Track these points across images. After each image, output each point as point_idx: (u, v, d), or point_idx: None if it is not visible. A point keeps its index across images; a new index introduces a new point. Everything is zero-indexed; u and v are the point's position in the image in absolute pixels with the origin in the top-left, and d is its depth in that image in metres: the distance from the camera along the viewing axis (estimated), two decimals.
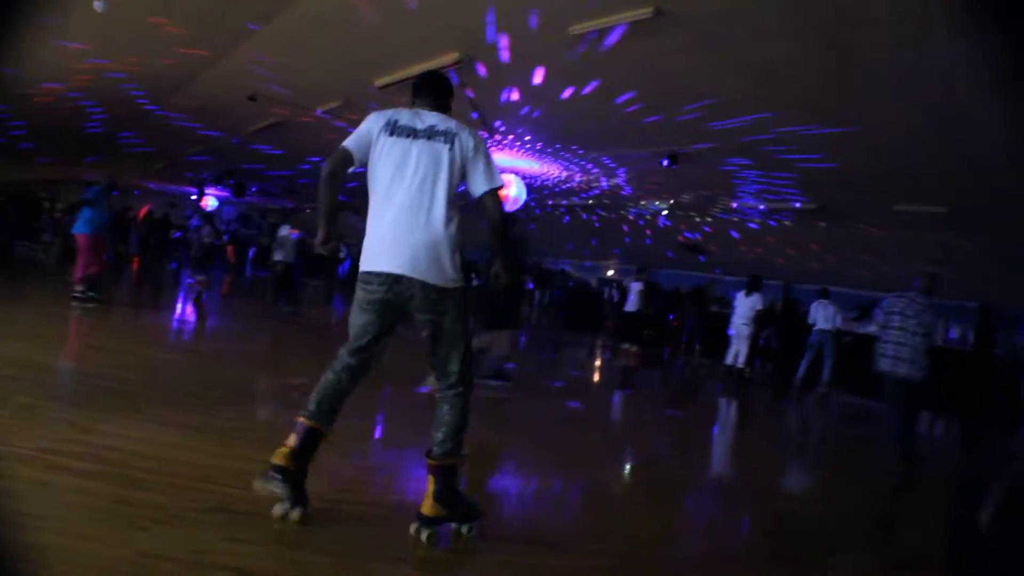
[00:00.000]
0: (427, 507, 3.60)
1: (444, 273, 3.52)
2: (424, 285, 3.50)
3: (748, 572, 4.19)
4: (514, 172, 15.37)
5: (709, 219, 18.25)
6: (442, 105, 3.84)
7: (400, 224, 3.50)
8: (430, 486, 3.62)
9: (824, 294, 15.11)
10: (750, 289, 14.20)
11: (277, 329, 12.35)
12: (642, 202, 17.39)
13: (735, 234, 18.71)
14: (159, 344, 9.19)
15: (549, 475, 5.57)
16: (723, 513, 5.41)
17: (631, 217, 19.65)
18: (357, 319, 3.65)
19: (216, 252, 23.67)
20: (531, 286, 24.78)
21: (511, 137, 12.99)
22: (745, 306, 14.16)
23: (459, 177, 3.59)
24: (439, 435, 3.64)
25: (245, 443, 4.73)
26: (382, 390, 7.36)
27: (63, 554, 2.94)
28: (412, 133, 3.59)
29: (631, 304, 18.28)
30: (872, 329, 8.08)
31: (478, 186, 3.60)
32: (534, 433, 7.02)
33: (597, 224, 21.35)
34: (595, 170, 14.74)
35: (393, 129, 3.61)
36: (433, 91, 3.87)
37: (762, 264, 19.25)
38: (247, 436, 4.98)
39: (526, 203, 15.18)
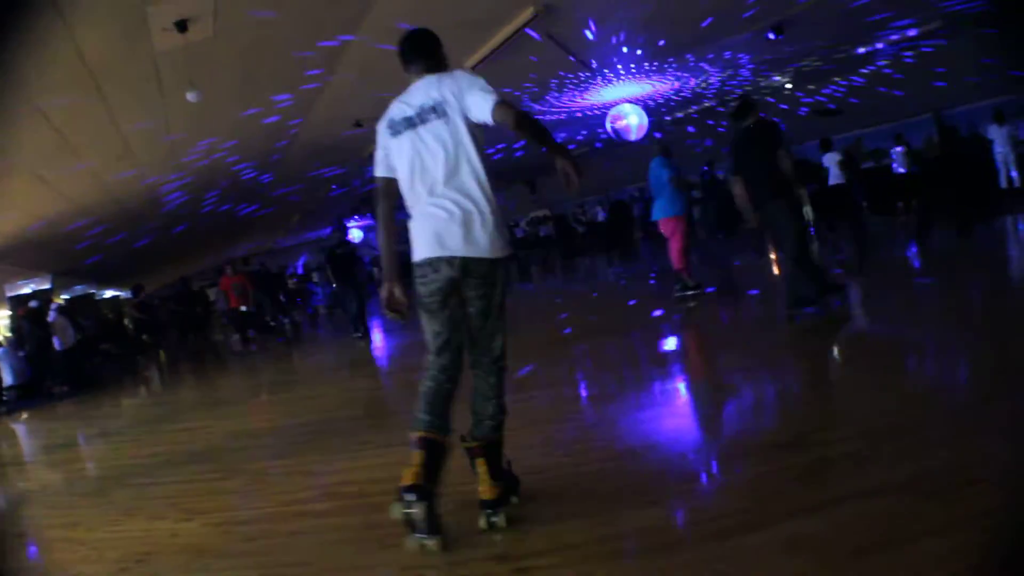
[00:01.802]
0: (487, 491, 3.39)
1: (492, 244, 3.34)
2: (478, 260, 3.33)
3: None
4: (628, 101, 15.06)
5: (837, 78, 17.27)
6: (433, 63, 3.54)
7: (437, 212, 3.33)
8: (482, 467, 3.41)
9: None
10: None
11: None
12: (762, 84, 16.62)
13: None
14: (355, 379, 9.58)
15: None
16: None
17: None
18: (426, 318, 3.46)
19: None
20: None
21: (612, 69, 12.67)
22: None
23: (470, 131, 3.34)
24: (490, 409, 3.48)
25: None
26: None
27: None
28: (409, 124, 3.40)
29: (834, 177, 16.96)
30: None
31: (482, 113, 3.27)
32: None
33: (721, 128, 20.62)
34: (709, 68, 14.16)
35: (394, 128, 3.44)
36: (420, 51, 3.56)
37: (908, 101, 18.05)
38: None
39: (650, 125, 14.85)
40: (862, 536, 2.70)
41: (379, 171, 3.54)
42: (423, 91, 3.42)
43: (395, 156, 3.45)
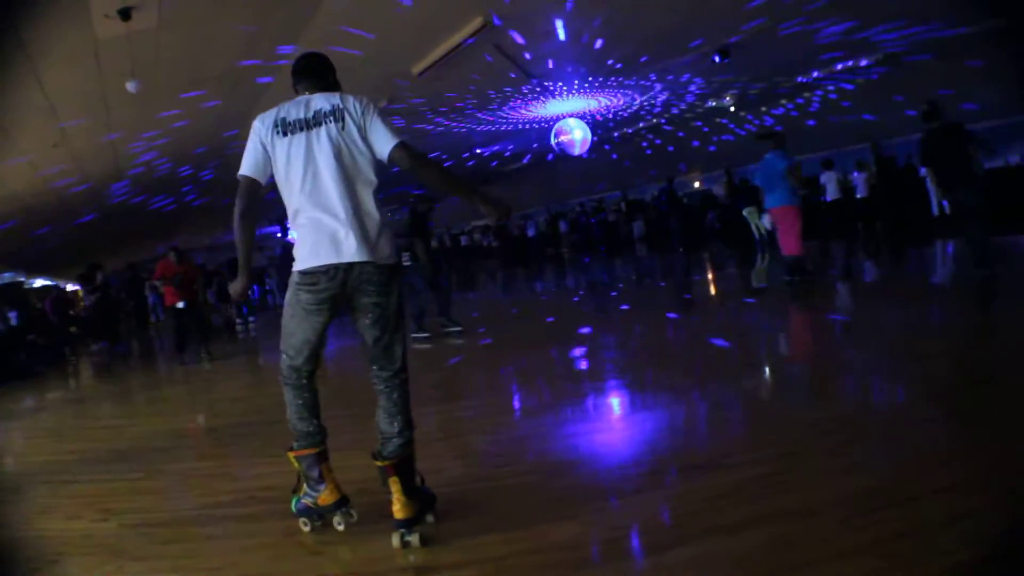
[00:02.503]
0: (400, 510, 3.31)
1: (386, 251, 3.36)
2: (376, 266, 3.32)
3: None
4: (573, 115, 15.21)
5: (783, 101, 17.68)
6: (324, 84, 3.59)
7: (330, 218, 3.29)
8: (395, 485, 3.33)
9: None
10: None
11: None
12: (707, 104, 16.93)
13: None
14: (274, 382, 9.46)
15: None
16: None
17: (699, 125, 19.21)
18: (302, 325, 3.44)
19: None
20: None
21: (557, 83, 12.77)
22: None
23: (364, 146, 3.35)
24: (396, 426, 3.44)
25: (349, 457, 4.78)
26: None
27: None
28: (304, 125, 3.37)
29: (832, 194, 17.30)
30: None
31: (383, 147, 3.34)
32: None
33: (661, 143, 20.99)
34: (656, 87, 14.37)
35: (284, 128, 3.38)
36: (313, 72, 3.62)
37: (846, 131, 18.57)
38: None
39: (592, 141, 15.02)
40: (774, 558, 2.78)
41: (247, 170, 3.44)
42: (322, 99, 3.43)
43: (279, 155, 3.38)
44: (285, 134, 3.38)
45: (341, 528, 3.49)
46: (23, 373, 14.02)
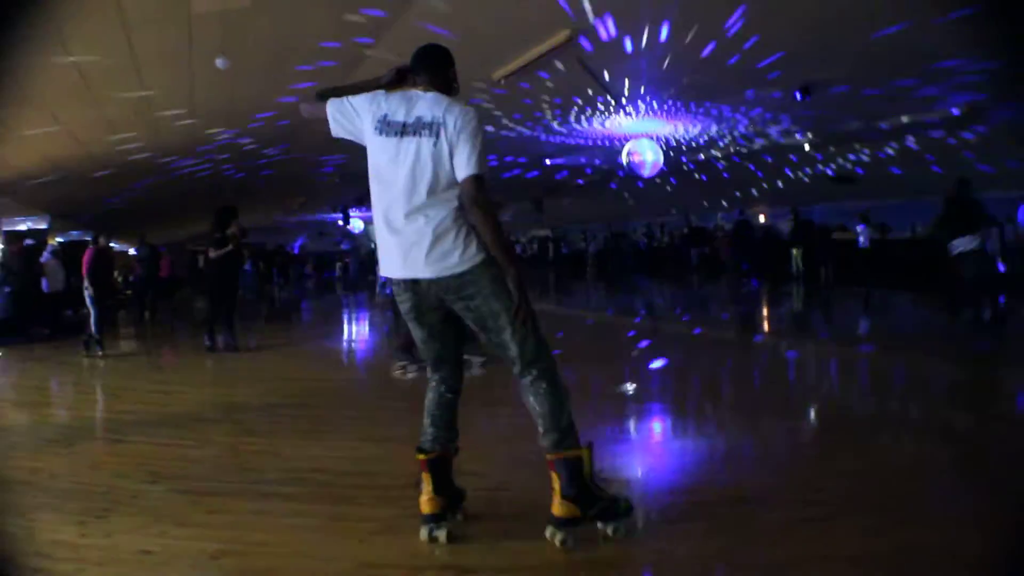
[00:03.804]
0: (556, 506, 3.29)
1: (453, 258, 3.27)
2: (438, 280, 3.30)
3: None
4: (647, 136, 15.14)
5: (857, 145, 17.39)
6: (441, 80, 3.52)
7: (398, 228, 3.31)
8: (555, 483, 3.30)
9: None
10: None
11: None
12: (783, 140, 16.73)
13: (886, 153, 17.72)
14: (335, 367, 9.56)
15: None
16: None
17: (768, 159, 18.99)
18: (413, 330, 3.53)
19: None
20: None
21: (636, 101, 12.71)
22: None
23: (449, 164, 3.28)
24: (540, 429, 3.36)
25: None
26: None
27: (290, 572, 3.09)
28: (400, 130, 3.35)
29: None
30: None
31: (458, 171, 3.27)
32: None
33: (726, 175, 20.79)
34: (730, 115, 14.23)
35: (383, 127, 3.39)
36: (429, 67, 3.54)
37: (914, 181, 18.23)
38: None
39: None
40: None
41: (334, 108, 3.56)
42: (427, 104, 3.38)
43: (371, 151, 3.43)
44: (381, 133, 3.40)
45: (422, 538, 3.38)
46: (81, 329, 14.27)
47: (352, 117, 3.49)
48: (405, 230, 3.30)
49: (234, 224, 10.71)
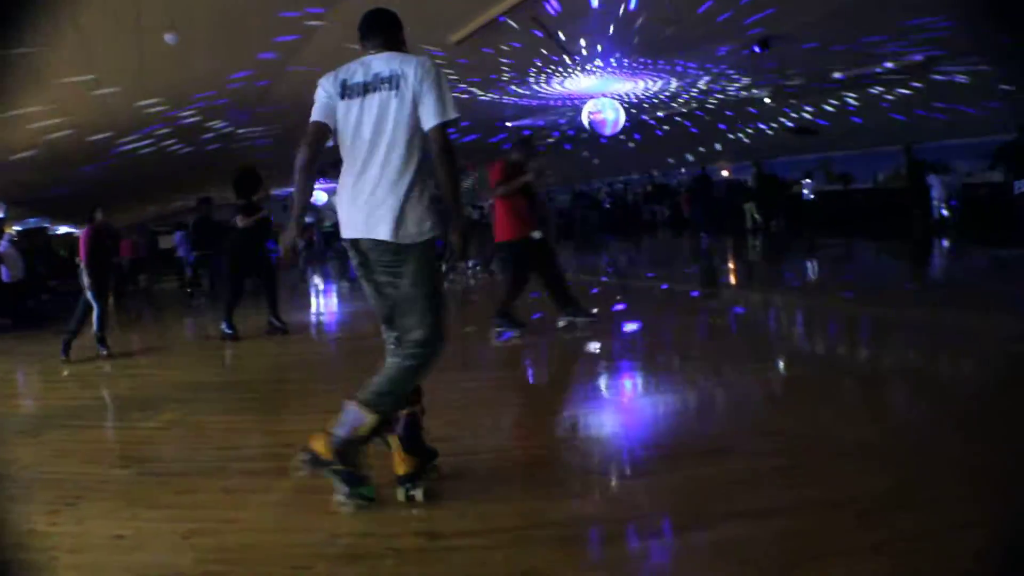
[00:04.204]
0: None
1: (401, 228, 3.24)
2: (377, 243, 3.29)
3: None
4: (607, 95, 15.09)
5: (816, 97, 17.50)
6: (391, 41, 3.50)
7: (357, 187, 3.31)
8: (394, 441, 3.44)
9: None
10: None
11: None
12: (743, 93, 16.76)
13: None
14: (308, 341, 9.49)
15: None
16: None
17: (729, 114, 19.05)
18: (367, 292, 3.56)
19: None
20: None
21: (594, 60, 12.64)
22: None
23: (415, 118, 3.27)
24: (371, 384, 3.35)
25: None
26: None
27: (264, 548, 3.09)
28: (362, 90, 3.34)
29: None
30: None
31: (425, 120, 3.25)
32: None
33: (694, 130, 20.84)
34: (692, 70, 14.20)
35: (344, 91, 3.37)
36: (379, 29, 3.53)
37: (879, 129, 18.43)
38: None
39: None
40: (787, 549, 2.77)
41: (317, 115, 3.43)
42: (384, 61, 3.37)
43: (339, 119, 3.40)
44: (344, 97, 3.38)
45: (400, 498, 3.44)
46: (43, 318, 14.07)
47: (332, 110, 3.43)
48: (363, 189, 3.29)
49: (262, 189, 9.37)
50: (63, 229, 26.75)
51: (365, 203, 3.28)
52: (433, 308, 3.34)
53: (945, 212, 17.61)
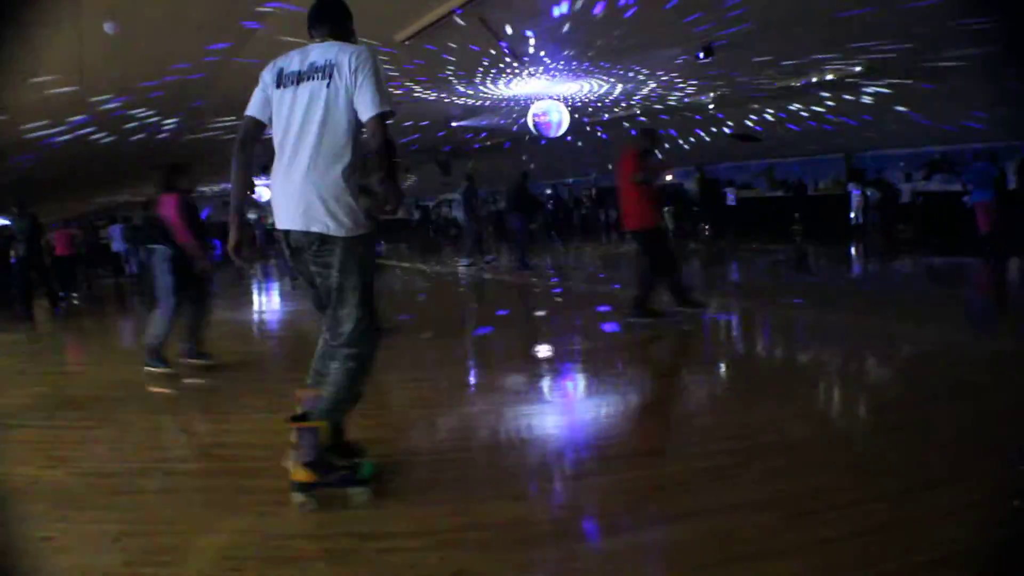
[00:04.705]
0: (296, 472, 3.39)
1: (325, 219, 3.25)
2: (307, 234, 3.30)
3: None
4: (552, 98, 15.16)
5: (756, 106, 17.80)
6: (339, 30, 3.50)
7: (286, 178, 3.31)
8: (296, 450, 3.42)
9: None
10: None
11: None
12: (685, 100, 16.99)
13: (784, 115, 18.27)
14: (245, 339, 9.39)
15: None
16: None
17: (672, 119, 19.30)
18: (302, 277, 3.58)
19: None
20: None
21: (541, 63, 12.69)
22: None
23: (347, 109, 3.26)
24: (322, 393, 3.43)
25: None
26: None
27: (199, 549, 3.07)
28: (295, 79, 3.33)
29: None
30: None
31: (363, 110, 3.22)
32: None
33: (634, 132, 21.06)
34: (638, 74, 14.33)
35: (280, 79, 3.37)
36: (326, 18, 3.52)
37: (822, 138, 18.89)
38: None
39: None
40: (715, 550, 2.84)
41: (251, 110, 3.44)
42: (320, 50, 3.37)
43: (273, 108, 3.40)
44: (279, 86, 3.38)
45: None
46: None
47: (269, 101, 3.42)
48: (291, 180, 3.29)
49: (185, 180, 7.68)
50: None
51: (295, 194, 3.27)
52: (361, 301, 3.37)
53: (861, 219, 18.63)
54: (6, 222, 17.87)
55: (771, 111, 18.41)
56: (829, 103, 16.98)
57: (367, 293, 3.41)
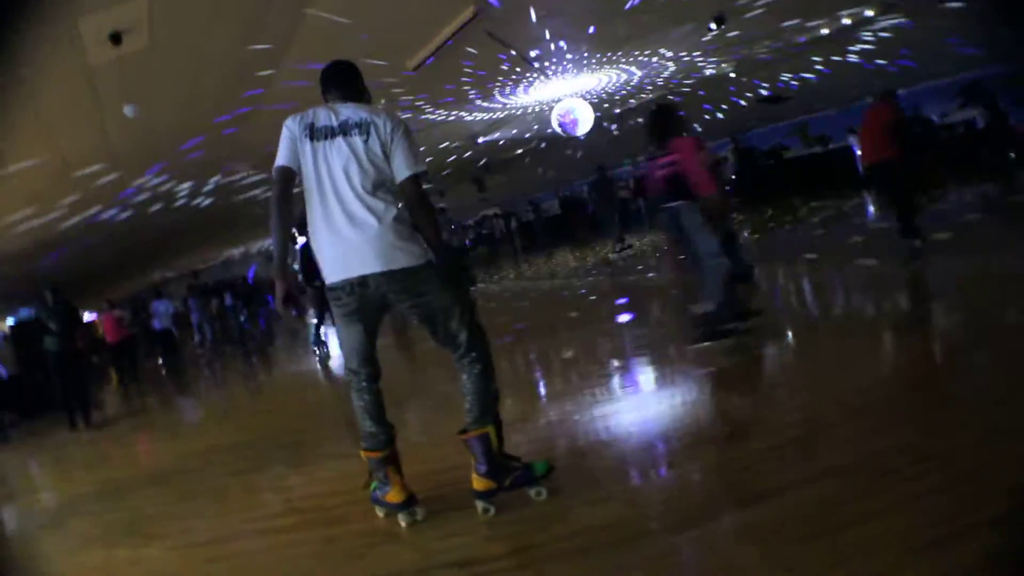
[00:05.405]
0: (475, 481, 3.48)
1: (403, 255, 3.33)
2: (390, 275, 3.33)
3: None
4: (574, 95, 15.12)
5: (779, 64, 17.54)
6: (353, 92, 3.61)
7: (342, 229, 3.33)
8: (472, 461, 3.50)
9: None
10: None
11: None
12: (707, 73, 16.80)
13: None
14: (311, 391, 9.46)
15: None
16: None
17: (701, 94, 19.08)
18: (345, 334, 3.56)
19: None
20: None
21: (553, 64, 12.66)
22: None
23: (384, 162, 3.38)
24: (466, 405, 3.52)
25: (422, 450, 4.64)
26: None
27: None
28: (330, 133, 3.39)
29: None
30: None
31: (398, 172, 3.38)
32: None
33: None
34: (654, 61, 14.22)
35: (312, 133, 3.41)
36: (340, 82, 3.64)
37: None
38: (420, 444, 4.86)
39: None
40: (805, 523, 2.75)
41: (283, 160, 3.44)
42: (350, 111, 3.45)
43: (305, 161, 3.41)
44: (313, 139, 3.40)
45: (404, 525, 3.50)
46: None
47: (296, 152, 3.44)
48: (352, 228, 3.32)
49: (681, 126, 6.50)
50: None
51: (366, 240, 3.30)
52: (464, 309, 3.51)
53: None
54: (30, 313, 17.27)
55: (792, 70, 18.12)
56: (858, 46, 16.61)
57: (466, 300, 3.59)
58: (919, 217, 8.44)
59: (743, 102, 20.67)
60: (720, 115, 21.48)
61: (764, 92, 19.79)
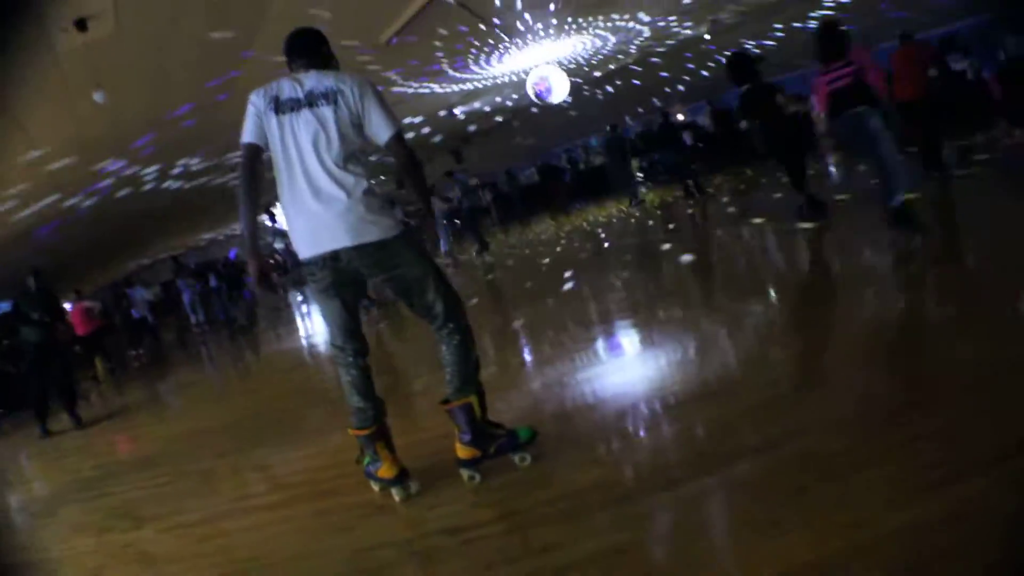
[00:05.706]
0: (459, 450, 3.50)
1: (374, 228, 3.31)
2: (361, 249, 3.31)
3: None
4: (548, 63, 15.06)
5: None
6: (318, 59, 3.53)
7: (311, 203, 3.29)
8: (455, 430, 3.52)
9: None
10: None
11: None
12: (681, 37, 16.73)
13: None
14: (287, 370, 9.50)
15: None
16: None
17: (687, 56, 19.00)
18: (324, 309, 3.55)
19: None
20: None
21: (525, 32, 12.57)
22: None
23: (354, 131, 3.34)
24: (447, 376, 3.52)
25: (410, 422, 4.75)
26: None
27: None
28: (296, 106, 3.32)
29: None
30: None
31: (379, 134, 3.36)
32: None
33: (637, 83, 20.82)
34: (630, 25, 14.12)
35: (278, 107, 3.34)
36: (304, 50, 3.55)
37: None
38: (410, 417, 4.99)
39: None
40: (801, 475, 2.78)
41: (248, 137, 3.40)
42: (314, 79, 3.39)
43: (271, 135, 3.36)
44: (279, 112, 3.35)
45: (398, 500, 3.50)
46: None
47: (262, 127, 3.39)
48: (320, 204, 3.29)
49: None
50: None
51: (335, 214, 3.27)
52: (438, 279, 3.49)
53: None
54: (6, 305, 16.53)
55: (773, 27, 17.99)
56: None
57: (438, 270, 3.54)
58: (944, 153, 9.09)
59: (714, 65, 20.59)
60: (691, 79, 21.38)
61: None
